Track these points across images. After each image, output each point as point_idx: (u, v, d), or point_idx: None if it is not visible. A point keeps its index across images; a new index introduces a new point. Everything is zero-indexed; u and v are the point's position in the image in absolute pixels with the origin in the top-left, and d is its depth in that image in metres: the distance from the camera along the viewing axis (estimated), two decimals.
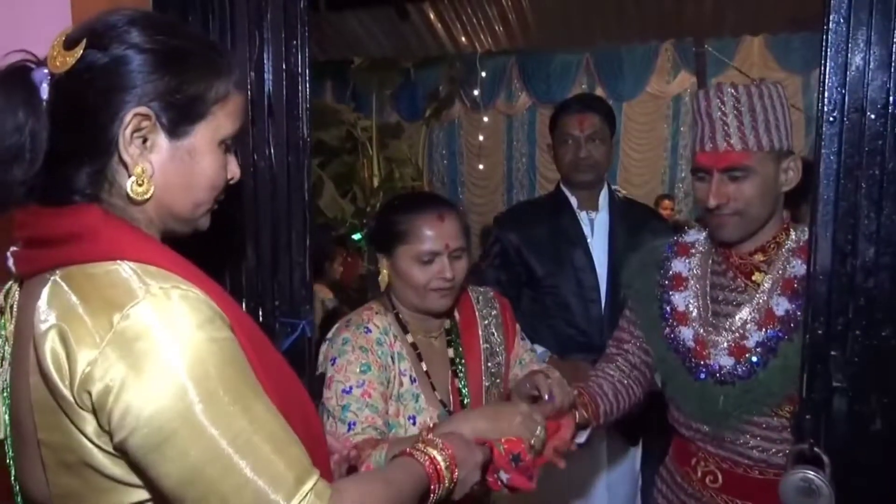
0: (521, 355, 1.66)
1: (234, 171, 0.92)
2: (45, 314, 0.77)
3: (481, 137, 7.26)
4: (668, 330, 1.50)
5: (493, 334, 1.60)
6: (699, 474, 1.49)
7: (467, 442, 1.07)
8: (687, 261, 1.54)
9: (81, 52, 0.79)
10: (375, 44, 3.62)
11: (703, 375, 1.44)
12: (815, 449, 1.05)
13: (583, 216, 2.24)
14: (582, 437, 1.52)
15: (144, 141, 0.82)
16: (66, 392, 0.75)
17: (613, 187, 2.36)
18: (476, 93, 6.75)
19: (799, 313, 1.32)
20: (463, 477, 1.02)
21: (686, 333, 1.48)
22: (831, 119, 1.03)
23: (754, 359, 1.38)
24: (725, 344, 1.41)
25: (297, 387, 0.93)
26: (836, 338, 1.06)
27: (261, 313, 1.34)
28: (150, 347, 0.73)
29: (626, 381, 1.60)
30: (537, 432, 1.18)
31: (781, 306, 1.36)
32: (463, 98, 7.00)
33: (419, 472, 0.96)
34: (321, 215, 4.80)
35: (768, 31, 5.31)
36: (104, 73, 0.80)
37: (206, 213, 0.91)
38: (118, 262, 0.79)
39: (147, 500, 0.80)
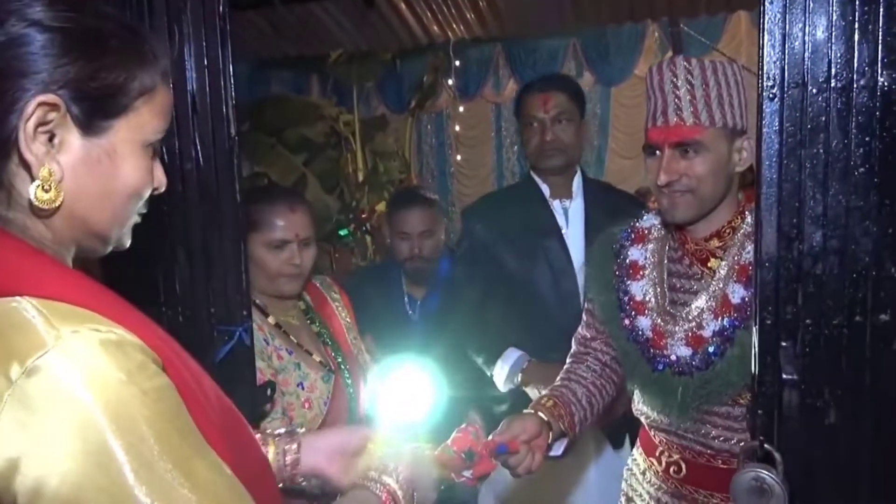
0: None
1: (160, 178, 0.78)
2: None
3: (468, 127, 7.19)
4: (626, 320, 1.45)
5: (344, 311, 1.76)
6: (663, 465, 1.45)
7: (415, 457, 1.02)
8: (643, 248, 1.49)
9: None
10: (347, 35, 3.55)
11: (661, 366, 1.39)
12: (766, 446, 1.00)
13: (556, 205, 2.13)
14: (559, 449, 1.48)
15: (51, 138, 0.67)
16: None
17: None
18: (461, 82, 6.66)
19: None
20: (420, 499, 0.99)
21: (644, 323, 1.43)
22: (771, 95, 0.97)
23: (711, 349, 1.33)
24: (682, 334, 1.36)
25: (245, 432, 0.83)
26: (785, 328, 1.00)
27: (196, 322, 1.29)
28: (65, 409, 0.59)
29: (598, 382, 1.55)
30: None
31: (737, 294, 1.31)
32: (448, 88, 6.92)
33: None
34: None
35: (753, 10, 5.21)
36: (1, 53, 0.65)
37: (127, 228, 0.77)
38: (17, 298, 0.64)
39: None
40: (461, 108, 6.92)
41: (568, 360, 1.62)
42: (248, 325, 1.30)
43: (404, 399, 1.41)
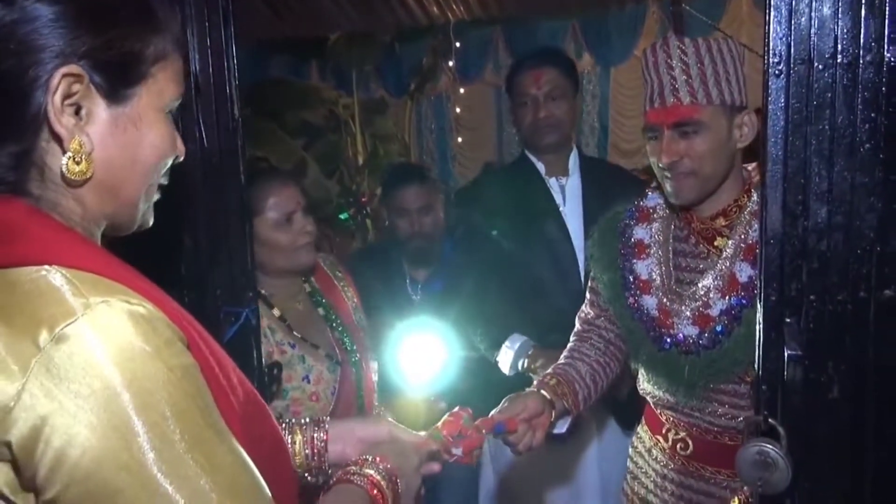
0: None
1: (180, 147, 0.79)
2: None
3: (468, 110, 7.15)
4: (631, 299, 1.46)
5: (349, 290, 1.77)
6: (670, 442, 1.47)
7: (401, 449, 1.02)
8: (648, 227, 1.49)
9: None
10: (346, 17, 3.53)
11: (667, 345, 1.40)
12: (771, 420, 1.01)
13: (552, 183, 2.10)
14: (563, 427, 1.49)
15: (78, 110, 0.68)
16: None
17: None
18: (461, 65, 6.62)
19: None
20: (405, 487, 0.97)
21: (650, 302, 1.43)
22: (777, 72, 0.97)
23: (718, 328, 1.34)
24: (689, 313, 1.37)
25: (266, 419, 0.82)
26: (790, 304, 1.00)
27: (202, 304, 1.29)
28: (90, 377, 0.59)
29: (602, 360, 1.56)
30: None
31: (744, 272, 1.32)
32: (449, 70, 6.87)
33: (362, 498, 0.90)
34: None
35: None
36: (14, 30, 0.65)
37: (151, 203, 0.79)
38: (45, 266, 0.64)
39: None
40: (461, 91, 6.88)
41: (572, 339, 1.63)
42: (255, 307, 1.31)
43: (418, 360, 1.45)
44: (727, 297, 1.34)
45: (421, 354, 1.86)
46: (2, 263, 0.64)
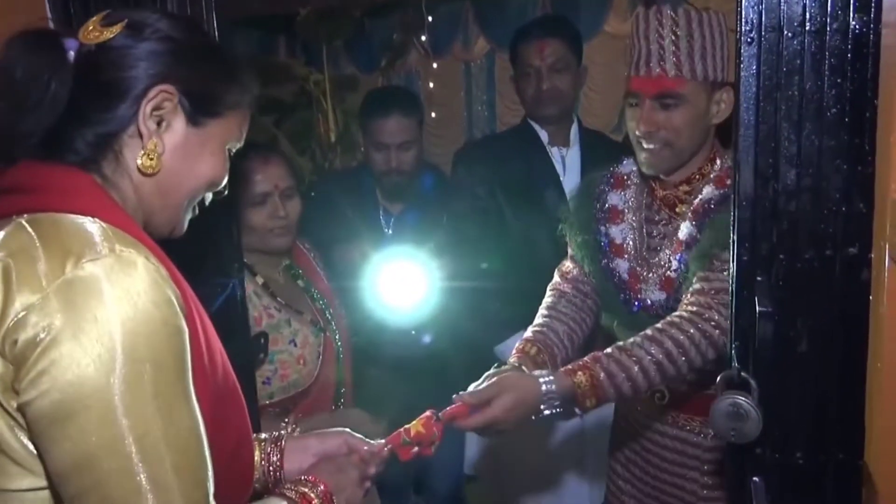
0: None
1: (225, 181, 0.96)
2: None
3: (440, 85, 7.13)
4: (605, 261, 1.51)
5: (323, 272, 1.78)
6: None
7: (338, 465, 1.05)
8: (622, 193, 1.53)
9: (119, 30, 0.83)
10: None
11: (636, 309, 1.45)
12: (743, 374, 1.06)
13: (554, 152, 2.11)
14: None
15: (160, 121, 0.86)
16: None
17: None
18: (430, 39, 6.58)
19: (698, 235, 1.33)
20: (344, 501, 1.01)
21: (622, 266, 1.48)
22: (749, 39, 1.00)
23: (674, 287, 1.39)
24: (656, 279, 1.42)
25: (238, 407, 0.89)
26: (761, 263, 1.05)
27: (189, 275, 1.30)
28: (96, 307, 0.69)
29: (578, 316, 1.59)
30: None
31: (684, 231, 1.37)
32: (420, 45, 6.83)
33: None
34: None
35: None
36: (135, 52, 0.84)
37: (188, 214, 0.95)
38: (91, 218, 0.78)
39: (30, 490, 0.74)
40: (434, 66, 6.85)
41: (549, 292, 1.65)
42: (242, 278, 1.32)
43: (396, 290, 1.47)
44: (675, 258, 1.39)
45: (399, 284, 1.85)
46: (58, 209, 0.78)
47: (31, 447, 0.73)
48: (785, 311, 1.05)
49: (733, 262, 1.08)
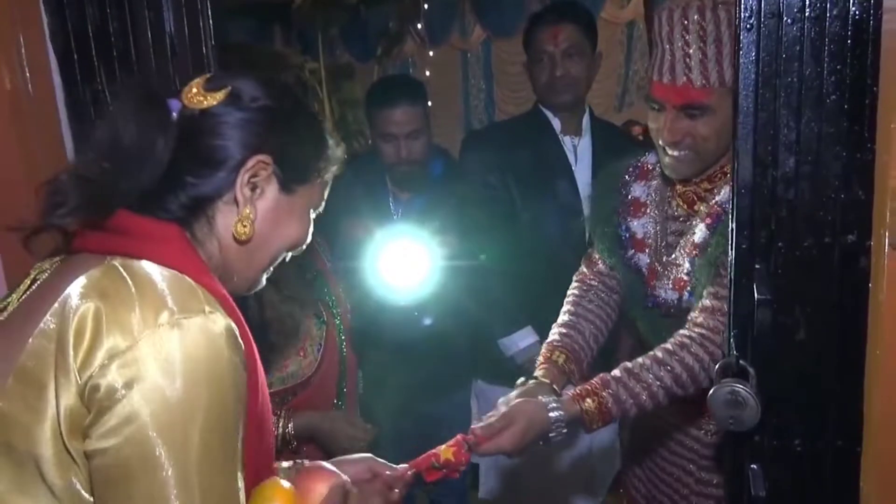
0: None
1: (307, 243, 0.98)
2: (84, 289, 0.75)
3: (436, 74, 7.09)
4: (625, 254, 1.49)
5: (330, 254, 1.76)
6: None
7: (364, 493, 1.05)
8: (646, 185, 1.48)
9: (222, 98, 0.85)
10: None
11: (650, 304, 1.44)
12: (741, 362, 1.06)
13: (566, 141, 2.06)
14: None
15: (254, 188, 0.87)
16: (72, 372, 0.71)
17: None
18: (427, 28, 6.54)
19: (710, 239, 1.31)
20: None
21: (643, 260, 1.46)
22: (748, 26, 1.00)
23: (687, 290, 1.38)
24: (670, 276, 1.40)
25: (269, 435, 0.92)
26: (759, 251, 1.05)
27: None
28: (182, 366, 0.71)
29: (605, 313, 1.56)
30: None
31: (699, 233, 1.35)
32: (416, 33, 6.79)
33: None
34: None
35: None
36: (236, 121, 0.85)
37: (266, 275, 0.97)
38: (184, 276, 0.79)
39: None
40: (431, 54, 6.82)
41: (575, 283, 1.62)
42: None
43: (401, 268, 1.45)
44: (688, 259, 1.37)
45: (403, 265, 1.82)
46: (149, 257, 0.80)
47: (78, 486, 0.74)
48: (783, 299, 1.05)
49: (732, 249, 1.07)
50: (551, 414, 1.26)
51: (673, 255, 1.41)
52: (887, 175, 0.91)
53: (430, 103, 2.18)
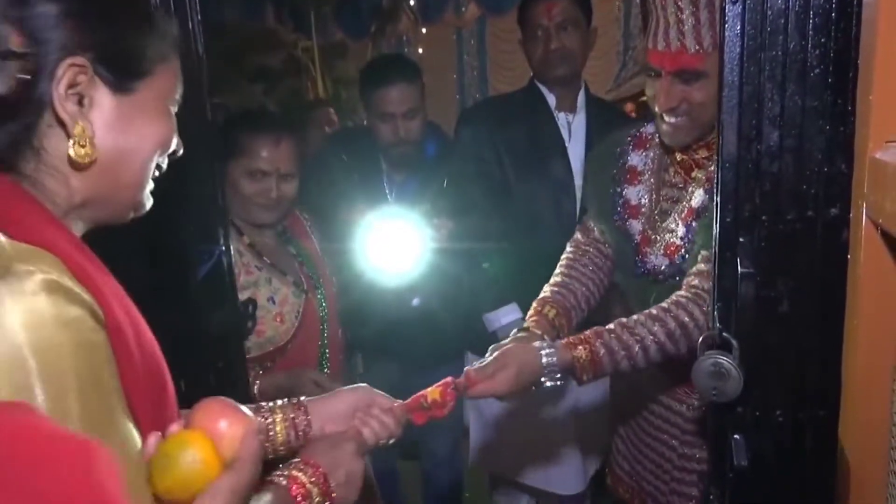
0: None
1: (177, 143, 0.85)
2: None
3: (429, 52, 7.05)
4: (619, 221, 1.50)
5: (318, 233, 1.77)
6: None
7: (331, 442, 1.04)
8: (644, 154, 1.50)
9: None
10: None
11: (640, 272, 1.45)
12: (724, 334, 1.07)
13: (561, 118, 2.07)
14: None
15: (80, 100, 0.73)
16: None
17: None
18: (422, 6, 6.48)
19: (710, 203, 1.33)
20: (342, 479, 0.99)
21: (635, 227, 1.47)
22: None
23: (678, 256, 1.39)
24: (662, 243, 1.42)
25: (164, 387, 0.81)
26: (743, 224, 1.06)
27: (175, 242, 1.30)
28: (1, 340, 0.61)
29: (597, 278, 1.58)
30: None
31: (698, 198, 1.36)
32: (409, 12, 6.73)
33: (284, 499, 0.91)
34: None
35: None
36: (23, 24, 0.69)
37: (148, 189, 0.83)
38: None
39: None
40: (424, 31, 6.77)
41: (569, 248, 1.64)
42: (227, 244, 1.32)
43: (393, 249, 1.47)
44: (686, 224, 1.39)
45: (392, 243, 1.84)
46: None
47: None
48: (766, 272, 1.06)
49: (716, 223, 1.08)
50: (544, 359, 1.28)
51: (666, 222, 1.42)
52: (866, 146, 0.92)
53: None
